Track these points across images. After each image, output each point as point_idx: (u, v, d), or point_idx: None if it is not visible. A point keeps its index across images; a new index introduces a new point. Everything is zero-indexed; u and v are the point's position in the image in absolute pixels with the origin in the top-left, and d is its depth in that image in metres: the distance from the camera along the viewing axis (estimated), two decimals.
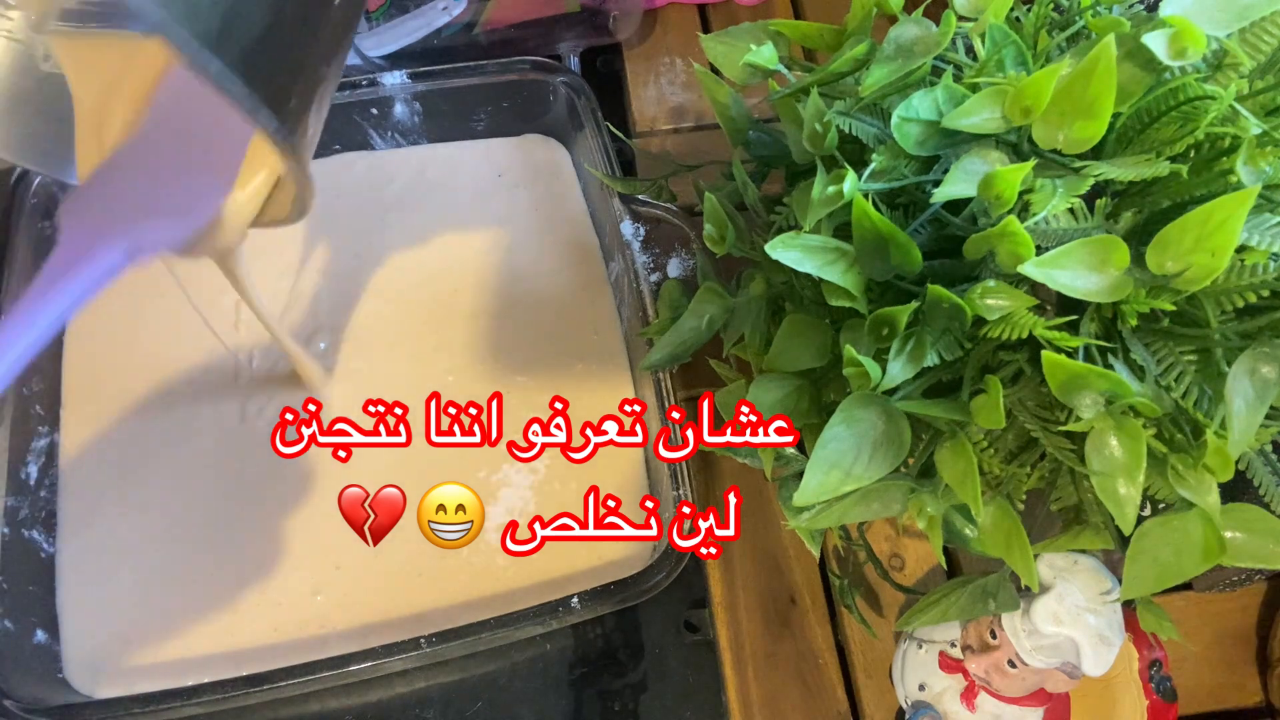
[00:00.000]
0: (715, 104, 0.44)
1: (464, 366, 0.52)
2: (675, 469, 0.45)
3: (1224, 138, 0.31)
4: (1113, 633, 0.36)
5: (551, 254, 0.55)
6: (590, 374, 0.52)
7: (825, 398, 0.39)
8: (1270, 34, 0.33)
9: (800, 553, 0.49)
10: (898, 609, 0.48)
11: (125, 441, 0.49)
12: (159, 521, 0.47)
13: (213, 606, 0.45)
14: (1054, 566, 0.37)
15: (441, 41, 0.60)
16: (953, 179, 0.32)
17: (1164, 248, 0.29)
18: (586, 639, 0.47)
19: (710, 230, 0.42)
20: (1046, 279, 0.29)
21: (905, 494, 0.36)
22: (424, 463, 0.49)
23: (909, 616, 0.41)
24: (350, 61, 0.57)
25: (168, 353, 0.52)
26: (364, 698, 0.45)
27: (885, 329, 0.33)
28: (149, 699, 0.40)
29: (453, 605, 0.46)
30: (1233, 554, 0.31)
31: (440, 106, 0.57)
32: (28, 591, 0.45)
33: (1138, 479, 0.30)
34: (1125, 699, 0.42)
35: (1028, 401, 0.33)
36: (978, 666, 0.39)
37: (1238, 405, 0.29)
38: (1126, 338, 0.31)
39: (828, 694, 0.46)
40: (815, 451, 0.33)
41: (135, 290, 0.53)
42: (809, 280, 0.37)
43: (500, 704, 0.45)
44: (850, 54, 0.36)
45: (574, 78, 0.56)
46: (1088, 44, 0.34)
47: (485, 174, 0.58)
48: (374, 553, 0.47)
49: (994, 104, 0.32)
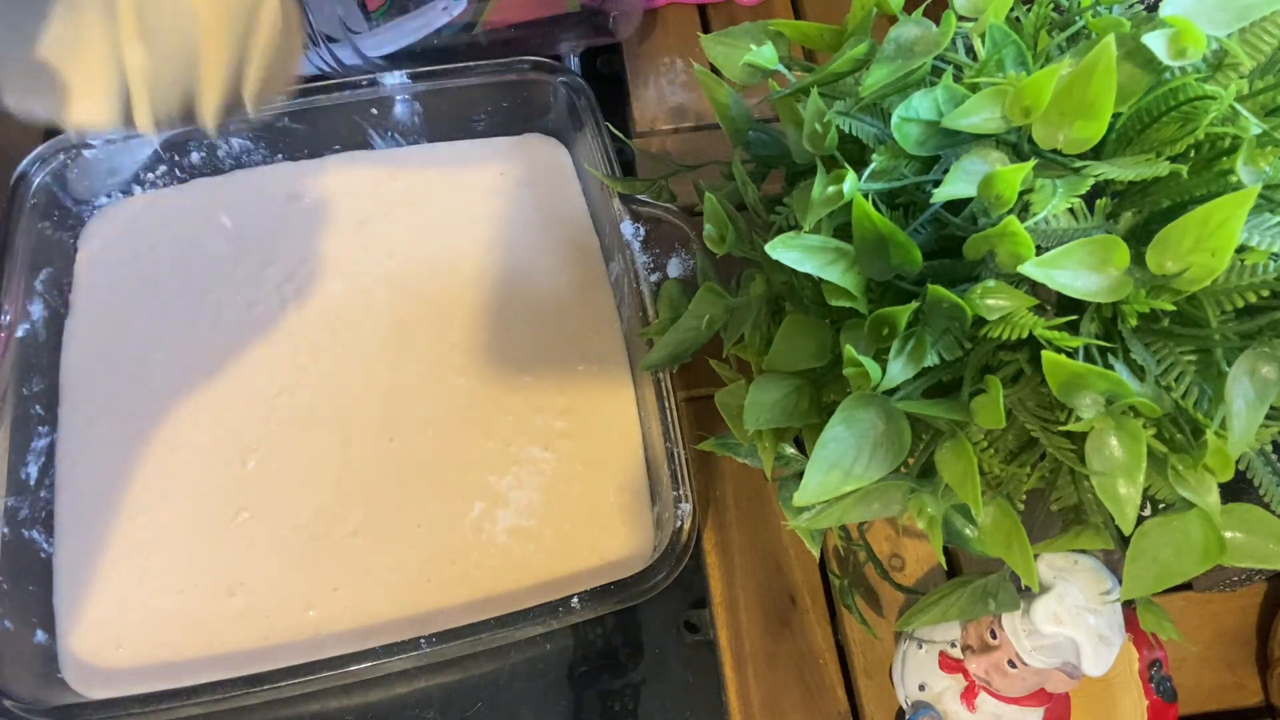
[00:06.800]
0: (715, 104, 0.44)
1: (474, 368, 0.52)
2: (675, 469, 0.45)
3: (1224, 138, 0.31)
4: (1113, 633, 0.36)
5: (551, 254, 0.55)
6: (591, 374, 0.52)
7: (825, 398, 0.39)
8: (1270, 34, 0.33)
9: (800, 553, 0.49)
10: (898, 609, 0.48)
11: (125, 441, 0.49)
12: (158, 522, 0.47)
13: (212, 607, 0.45)
14: (1054, 566, 0.37)
15: (441, 41, 0.60)
16: (953, 179, 0.32)
17: (1164, 248, 0.29)
18: (586, 639, 0.47)
19: (710, 230, 0.41)
20: (1046, 279, 0.29)
21: (905, 494, 0.36)
22: (429, 466, 0.49)
23: (909, 616, 0.41)
24: (350, 61, 0.57)
25: (168, 353, 0.52)
26: (364, 698, 0.45)
27: (885, 329, 0.33)
28: (148, 699, 0.40)
29: (453, 606, 0.46)
30: (1233, 554, 0.31)
31: (440, 106, 0.57)
32: (28, 591, 0.45)
33: (1138, 479, 0.29)
34: (1125, 699, 0.42)
35: (1028, 401, 0.33)
36: (978, 666, 0.39)
37: (1238, 405, 0.28)
38: (1126, 338, 0.31)
39: (828, 694, 0.46)
40: (815, 451, 0.33)
41: (136, 290, 0.53)
42: (809, 280, 0.37)
43: (500, 704, 0.45)
44: (850, 54, 0.36)
45: (574, 78, 0.56)
46: (1088, 44, 0.34)
47: (485, 174, 0.58)
48: (376, 553, 0.47)
49: (994, 104, 0.32)
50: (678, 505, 0.44)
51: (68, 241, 0.54)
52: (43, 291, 0.52)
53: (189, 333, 0.52)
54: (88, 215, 0.55)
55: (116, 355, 0.52)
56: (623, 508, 0.48)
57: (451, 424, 0.50)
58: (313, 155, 0.58)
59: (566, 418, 0.50)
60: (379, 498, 0.48)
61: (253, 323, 0.53)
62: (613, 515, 0.48)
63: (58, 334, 0.52)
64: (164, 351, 0.52)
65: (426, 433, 0.50)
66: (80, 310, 0.53)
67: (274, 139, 0.56)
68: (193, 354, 0.52)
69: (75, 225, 0.55)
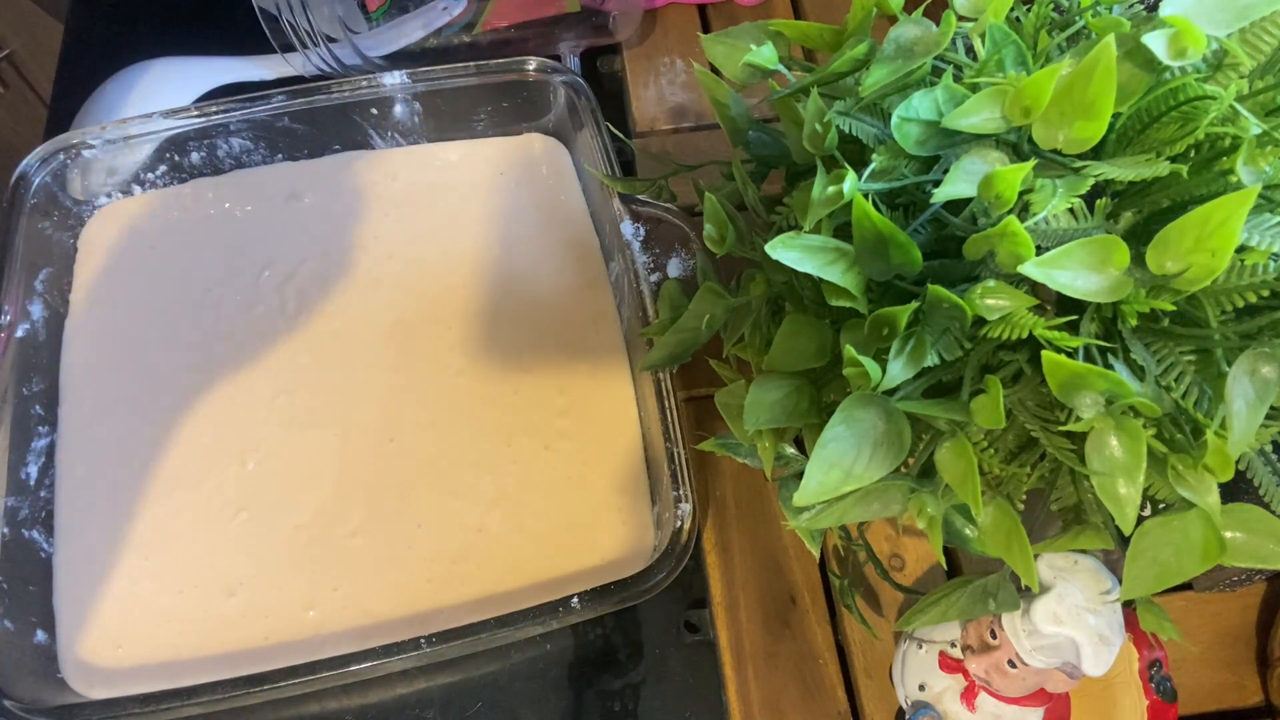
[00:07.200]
0: (715, 104, 0.44)
1: (473, 368, 0.52)
2: (675, 469, 0.45)
3: (1224, 138, 0.31)
4: (1113, 633, 0.36)
5: (552, 253, 0.55)
6: (591, 374, 0.52)
7: (825, 398, 0.39)
8: (1270, 34, 0.33)
9: (800, 553, 0.49)
10: (898, 609, 0.48)
11: (125, 441, 0.49)
12: (158, 522, 0.47)
13: (212, 607, 0.45)
14: (1054, 566, 0.37)
15: (441, 41, 0.60)
16: (953, 179, 0.32)
17: (1164, 248, 0.29)
18: (586, 639, 0.47)
19: (710, 230, 0.41)
20: (1046, 279, 0.29)
21: (905, 494, 0.36)
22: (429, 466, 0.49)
23: (909, 616, 0.41)
24: (350, 61, 0.57)
25: (168, 353, 0.52)
26: (364, 698, 0.45)
27: (885, 329, 0.33)
28: (148, 699, 0.40)
29: (453, 606, 0.46)
30: (1233, 554, 0.31)
31: (440, 106, 0.57)
32: (28, 591, 0.45)
33: (1138, 479, 0.29)
34: (1125, 699, 0.42)
35: (1028, 401, 0.33)
36: (978, 666, 0.39)
37: (1238, 405, 0.28)
38: (1126, 338, 0.31)
39: (828, 694, 0.46)
40: (815, 451, 0.33)
41: (136, 290, 0.53)
42: (809, 280, 0.37)
43: (500, 704, 0.45)
44: (850, 54, 0.36)
45: (574, 78, 0.56)
46: (1088, 44, 0.34)
47: (485, 173, 0.58)
48: (376, 553, 0.47)
49: (994, 104, 0.32)
50: (678, 505, 0.44)
51: (68, 241, 0.54)
52: (43, 291, 0.52)
53: (189, 333, 0.52)
54: (88, 215, 0.55)
55: (116, 355, 0.52)
56: (623, 508, 0.48)
57: (451, 424, 0.50)
58: (313, 155, 0.58)
59: (566, 417, 0.50)
60: (379, 498, 0.48)
61: (253, 323, 0.53)
62: (613, 515, 0.48)
63: (58, 334, 0.52)
64: (164, 352, 0.52)
65: (426, 433, 0.50)
66: (80, 310, 0.53)
67: (274, 139, 0.56)
68: (193, 354, 0.52)
69: (75, 225, 0.55)
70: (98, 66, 0.61)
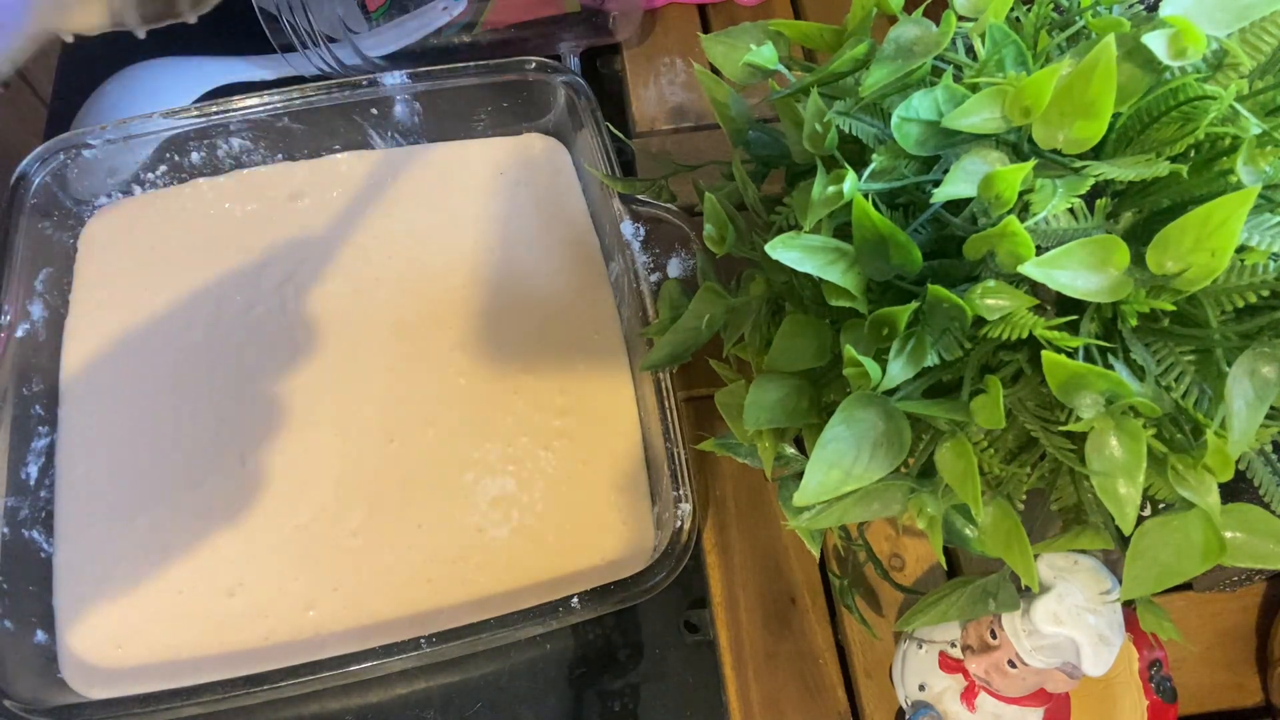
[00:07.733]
0: (715, 104, 0.44)
1: (473, 368, 0.52)
2: (675, 469, 0.45)
3: (1224, 138, 0.31)
4: (1113, 633, 0.36)
5: (552, 254, 0.55)
6: (591, 374, 0.52)
7: (825, 398, 0.39)
8: (1270, 34, 0.33)
9: (800, 553, 0.49)
10: (898, 609, 0.48)
11: (125, 442, 0.49)
12: (158, 522, 0.47)
13: (212, 607, 0.45)
14: (1054, 566, 0.37)
15: (441, 41, 0.60)
16: (953, 179, 0.32)
17: (1164, 248, 0.29)
18: (586, 639, 0.47)
19: (710, 230, 0.41)
20: (1046, 279, 0.29)
21: (905, 494, 0.36)
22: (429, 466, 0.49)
23: (909, 616, 0.41)
24: (350, 61, 0.57)
25: (168, 353, 0.52)
26: (364, 698, 0.45)
27: (885, 329, 0.33)
28: (148, 699, 0.40)
29: (453, 606, 0.46)
30: (1233, 554, 0.31)
31: (440, 106, 0.57)
32: (28, 591, 0.45)
33: (1138, 479, 0.29)
34: (1125, 699, 0.42)
35: (1028, 401, 0.33)
36: (978, 666, 0.39)
37: (1238, 405, 0.28)
38: (1126, 338, 0.31)
39: (828, 694, 0.46)
40: (815, 451, 0.33)
41: (135, 290, 0.53)
42: (809, 280, 0.37)
43: (500, 704, 0.45)
44: (850, 54, 0.36)
45: (574, 78, 0.56)
46: (1088, 44, 0.34)
47: (486, 173, 0.58)
48: (376, 553, 0.47)
49: (994, 104, 0.32)
50: (678, 505, 0.44)
51: (68, 241, 0.54)
52: (43, 291, 0.52)
53: (189, 333, 0.52)
54: (88, 215, 0.55)
55: (116, 355, 0.52)
56: (623, 508, 0.48)
57: (451, 424, 0.50)
58: (313, 155, 0.58)
59: (566, 417, 0.50)
60: (379, 498, 0.48)
61: (253, 323, 0.53)
62: (613, 515, 0.48)
63: (58, 334, 0.52)
64: (164, 351, 0.52)
65: (426, 433, 0.50)
66: (80, 310, 0.53)
67: (274, 139, 0.56)
68: (192, 354, 0.52)
69: (75, 225, 0.55)
70: (98, 66, 0.61)
